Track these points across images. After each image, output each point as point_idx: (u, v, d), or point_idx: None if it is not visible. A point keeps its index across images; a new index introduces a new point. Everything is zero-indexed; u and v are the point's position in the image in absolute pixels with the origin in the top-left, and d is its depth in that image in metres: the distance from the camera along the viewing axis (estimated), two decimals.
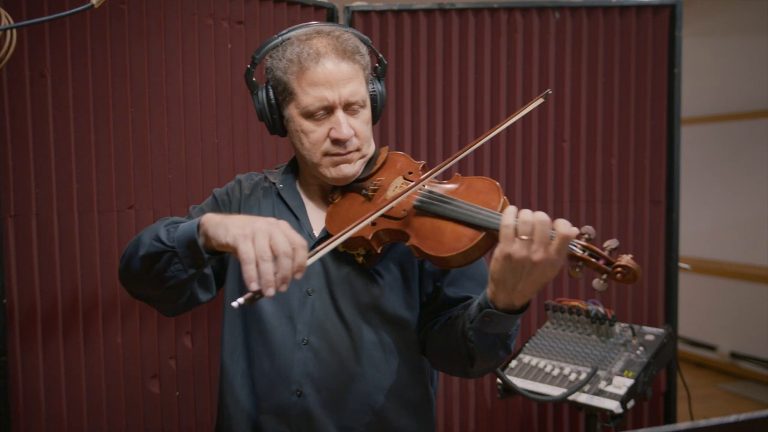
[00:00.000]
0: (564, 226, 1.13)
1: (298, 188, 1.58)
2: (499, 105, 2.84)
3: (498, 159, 2.85)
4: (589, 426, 2.28)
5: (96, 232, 2.30)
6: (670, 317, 2.91)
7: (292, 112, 1.45)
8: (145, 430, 2.41)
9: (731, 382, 5.02)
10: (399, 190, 1.42)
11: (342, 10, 2.79)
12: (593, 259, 1.16)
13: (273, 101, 1.48)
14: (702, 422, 0.73)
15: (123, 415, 2.37)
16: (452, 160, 1.37)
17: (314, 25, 1.48)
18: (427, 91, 2.83)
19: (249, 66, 1.51)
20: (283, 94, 1.45)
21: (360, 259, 1.45)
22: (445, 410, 2.89)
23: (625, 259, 1.15)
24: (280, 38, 1.46)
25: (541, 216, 1.14)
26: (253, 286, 1.11)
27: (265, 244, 1.13)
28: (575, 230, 1.14)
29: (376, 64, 1.55)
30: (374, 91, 1.53)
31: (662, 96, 2.88)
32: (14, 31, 1.64)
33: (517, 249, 1.15)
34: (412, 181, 1.43)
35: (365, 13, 2.79)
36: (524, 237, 1.14)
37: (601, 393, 2.18)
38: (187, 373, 2.50)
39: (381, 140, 2.82)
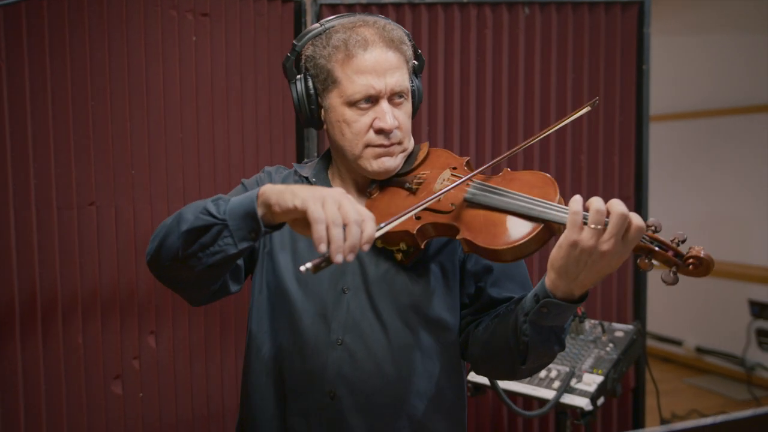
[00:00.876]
0: (637, 217, 1.11)
1: (333, 184, 1.52)
2: (468, 101, 2.82)
3: (468, 154, 2.83)
4: (559, 423, 2.28)
5: (55, 229, 2.23)
6: (638, 313, 2.91)
7: (333, 101, 1.40)
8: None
9: (697, 376, 5.08)
10: (447, 182, 1.37)
11: (310, 3, 2.74)
12: (662, 250, 1.13)
13: (312, 90, 1.43)
14: (678, 425, 0.71)
15: (84, 418, 2.31)
16: (508, 154, 1.35)
17: (357, 15, 1.45)
18: None
19: (288, 54, 1.46)
20: (325, 82, 1.40)
21: (399, 256, 1.39)
22: None
23: (696, 250, 1.12)
24: (322, 26, 1.42)
25: (618, 206, 1.11)
26: (323, 248, 1.07)
27: (335, 209, 1.09)
28: (644, 223, 1.12)
29: (414, 60, 1.51)
30: (413, 85, 1.49)
31: (631, 92, 2.89)
32: None
33: (585, 237, 1.12)
34: (459, 176, 1.38)
35: (333, 7, 2.74)
36: (594, 226, 1.11)
37: (571, 390, 2.17)
38: (151, 374, 2.44)
39: None
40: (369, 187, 1.47)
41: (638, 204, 2.89)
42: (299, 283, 1.44)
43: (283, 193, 1.16)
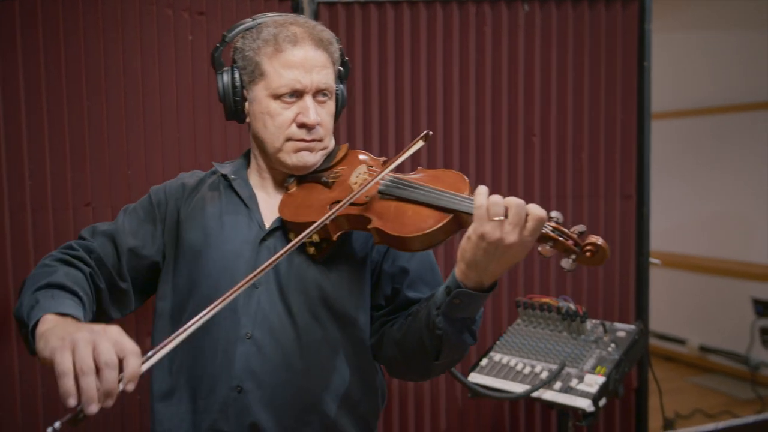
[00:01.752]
0: (536, 208, 1.15)
1: (251, 180, 1.55)
2: (468, 99, 2.80)
3: (467, 153, 2.81)
4: (561, 425, 2.25)
5: (51, 230, 2.22)
6: (641, 313, 2.89)
7: (258, 93, 1.43)
8: None
9: (700, 375, 5.06)
10: (363, 176, 1.42)
11: (307, 1, 2.72)
12: (563, 239, 1.18)
13: (237, 82, 1.46)
14: None
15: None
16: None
17: (288, 15, 1.49)
18: (394, 85, 2.78)
19: (218, 44, 1.49)
20: (252, 75, 1.44)
21: (311, 250, 1.41)
22: (416, 410, 2.84)
23: (594, 238, 1.17)
24: (253, 21, 1.46)
25: (515, 199, 1.15)
26: (71, 402, 0.99)
27: (87, 354, 1.01)
28: (544, 213, 1.16)
29: (340, 67, 1.54)
30: (338, 89, 1.53)
31: (632, 90, 2.86)
32: None
33: (489, 230, 1.15)
34: (376, 170, 1.42)
35: (331, 5, 2.72)
36: (497, 218, 1.15)
37: (572, 391, 2.15)
38: (148, 375, 2.41)
39: (348, 135, 2.76)
40: (286, 181, 1.50)
41: (640, 202, 2.86)
42: (210, 272, 1.44)
43: (41, 338, 1.12)
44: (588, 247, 1.17)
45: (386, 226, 1.28)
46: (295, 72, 1.39)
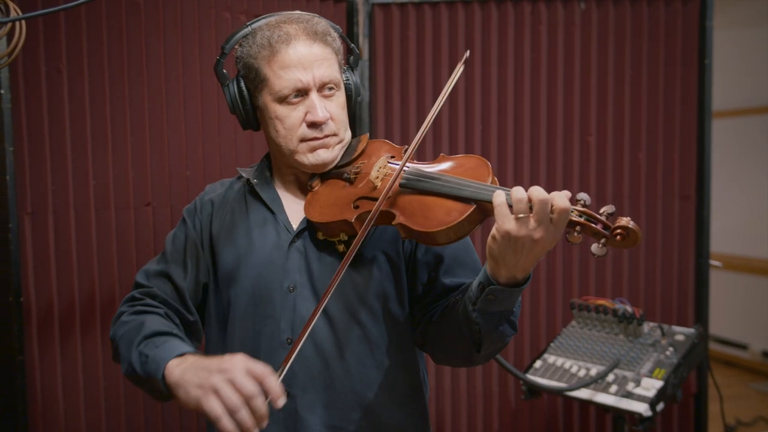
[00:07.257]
0: (561, 199, 1.11)
1: (275, 183, 1.53)
2: (523, 99, 2.78)
3: (522, 154, 2.79)
4: (617, 429, 2.21)
5: (113, 229, 2.28)
6: (700, 317, 2.82)
7: (265, 99, 1.41)
8: (164, 427, 2.39)
9: (763, 381, 4.90)
10: (383, 170, 1.39)
11: (362, 3, 2.74)
12: (591, 224, 1.13)
13: (245, 92, 1.43)
14: None
15: (141, 413, 2.35)
16: (414, 145, 1.32)
17: (283, 13, 1.46)
18: None
19: (218, 57, 1.46)
20: (255, 81, 1.41)
21: (341, 248, 1.40)
22: (468, 410, 2.84)
23: (624, 221, 1.12)
24: (249, 27, 1.43)
25: (537, 192, 1.11)
26: None
27: (230, 393, 1.10)
28: (569, 204, 1.11)
29: (349, 55, 1.51)
30: (348, 80, 1.49)
31: (692, 88, 2.80)
32: (23, 23, 1.60)
33: (514, 228, 1.12)
34: (396, 163, 1.39)
35: (385, 6, 2.74)
36: (521, 215, 1.11)
37: (629, 395, 2.11)
38: None
39: (402, 136, 2.76)
40: (310, 180, 1.47)
41: (700, 203, 2.79)
42: (246, 286, 1.44)
43: (178, 388, 1.19)
44: (618, 231, 1.11)
45: (410, 221, 1.26)
46: (294, 71, 1.36)
